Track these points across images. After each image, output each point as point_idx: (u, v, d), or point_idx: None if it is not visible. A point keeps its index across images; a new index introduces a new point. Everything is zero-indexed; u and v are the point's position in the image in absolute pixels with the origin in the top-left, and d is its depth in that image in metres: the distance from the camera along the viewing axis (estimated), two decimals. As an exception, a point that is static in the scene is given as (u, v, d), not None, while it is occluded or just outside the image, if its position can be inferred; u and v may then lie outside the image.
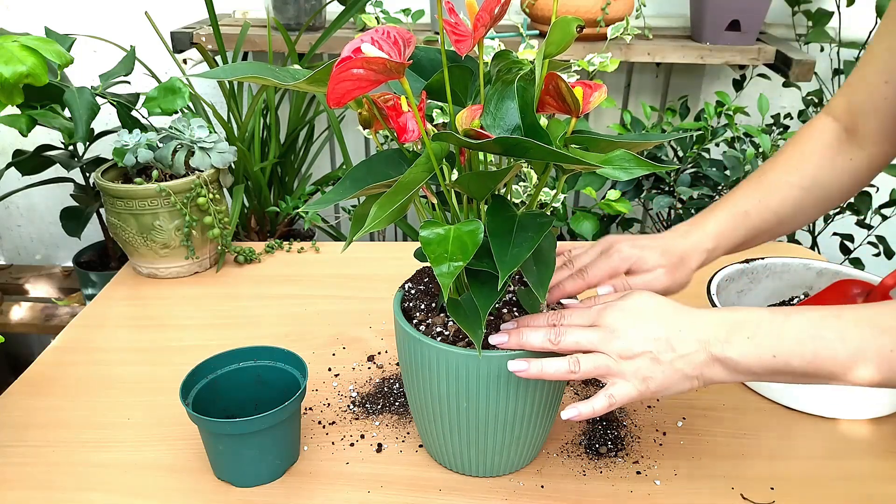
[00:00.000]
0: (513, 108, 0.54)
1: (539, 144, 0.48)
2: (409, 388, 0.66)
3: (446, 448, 0.66)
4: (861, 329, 0.51)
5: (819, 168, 0.73)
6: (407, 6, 1.48)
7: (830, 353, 0.51)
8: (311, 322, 0.94)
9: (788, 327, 0.53)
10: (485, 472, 0.66)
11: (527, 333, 0.57)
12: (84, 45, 1.35)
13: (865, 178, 0.74)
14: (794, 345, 0.52)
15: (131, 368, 0.84)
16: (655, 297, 0.58)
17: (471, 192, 0.56)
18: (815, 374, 0.52)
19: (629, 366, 0.55)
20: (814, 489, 0.66)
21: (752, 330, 0.53)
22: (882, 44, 0.66)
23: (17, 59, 0.89)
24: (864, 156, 0.72)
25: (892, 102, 0.67)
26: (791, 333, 0.52)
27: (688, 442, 0.72)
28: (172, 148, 1.00)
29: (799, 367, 0.52)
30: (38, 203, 1.89)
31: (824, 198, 0.73)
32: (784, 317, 0.53)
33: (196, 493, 0.65)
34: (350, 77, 0.47)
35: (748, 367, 0.53)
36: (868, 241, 1.58)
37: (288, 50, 1.36)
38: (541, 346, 0.56)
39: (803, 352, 0.52)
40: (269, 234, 1.43)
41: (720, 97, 1.41)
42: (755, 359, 0.53)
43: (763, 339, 0.53)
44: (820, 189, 0.72)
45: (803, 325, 0.52)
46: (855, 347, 0.51)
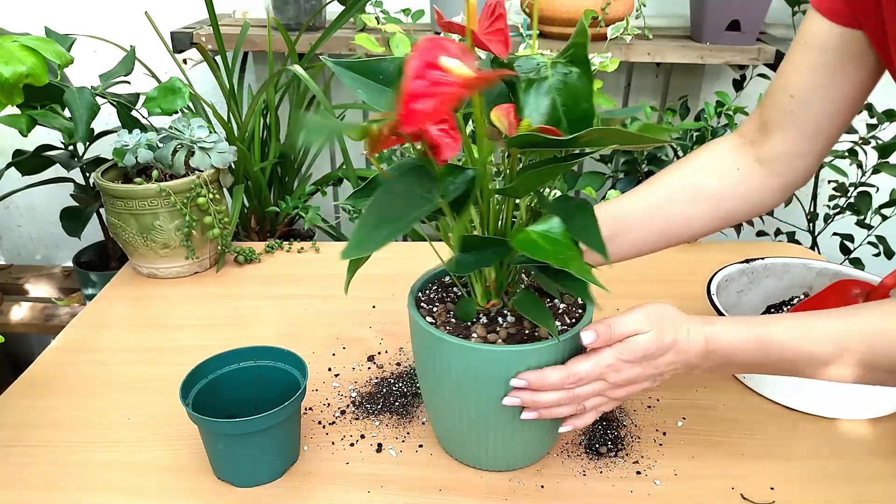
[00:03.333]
0: (547, 103, 0.55)
1: (625, 132, 0.49)
2: (423, 381, 0.67)
3: (460, 442, 0.66)
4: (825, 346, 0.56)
5: (696, 169, 0.73)
6: (407, 6, 1.48)
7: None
8: (311, 322, 0.94)
9: (765, 359, 0.59)
10: (496, 467, 0.67)
11: (542, 396, 0.59)
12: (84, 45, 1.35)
13: (765, 196, 0.72)
14: (771, 370, 0.60)
15: (131, 368, 0.84)
16: (645, 332, 0.59)
17: (517, 192, 0.56)
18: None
19: (623, 398, 0.62)
20: (814, 489, 0.66)
21: (728, 359, 0.60)
22: (790, 61, 0.67)
23: (17, 59, 0.89)
24: (759, 170, 0.71)
25: (798, 117, 0.67)
26: (767, 363, 0.59)
27: (688, 442, 0.72)
28: (172, 148, 1.00)
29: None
30: (38, 203, 1.89)
31: (699, 199, 0.72)
32: (761, 349, 0.59)
33: (196, 493, 0.65)
34: (450, 98, 0.44)
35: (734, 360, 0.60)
36: (868, 241, 1.58)
37: (288, 50, 1.36)
38: (557, 403, 0.60)
39: (779, 372, 0.60)
40: (269, 234, 1.43)
41: (720, 97, 1.41)
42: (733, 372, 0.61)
43: (739, 367, 0.61)
44: (691, 188, 0.72)
45: (780, 357, 0.58)
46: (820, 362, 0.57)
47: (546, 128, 0.52)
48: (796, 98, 0.67)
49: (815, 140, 0.68)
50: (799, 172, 0.71)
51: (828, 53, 0.64)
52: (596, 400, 0.61)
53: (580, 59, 0.54)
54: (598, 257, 0.53)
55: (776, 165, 0.71)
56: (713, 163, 0.73)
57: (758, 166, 0.71)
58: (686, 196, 0.72)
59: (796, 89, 0.66)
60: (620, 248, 0.73)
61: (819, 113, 0.66)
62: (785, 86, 0.67)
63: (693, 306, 0.96)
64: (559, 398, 0.59)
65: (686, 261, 1.07)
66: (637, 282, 1.02)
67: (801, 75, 0.66)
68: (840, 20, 0.62)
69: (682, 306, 0.99)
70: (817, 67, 0.65)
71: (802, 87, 0.66)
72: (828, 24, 0.63)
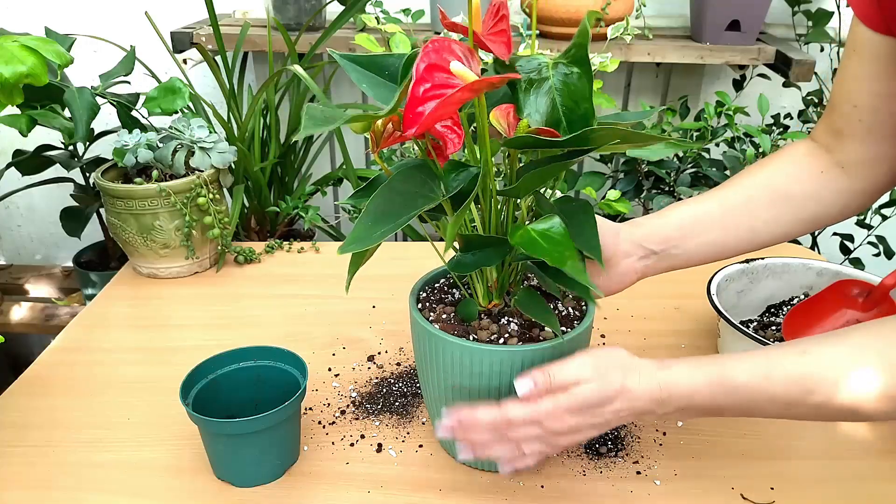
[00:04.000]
0: (547, 103, 0.55)
1: (622, 131, 0.49)
2: (423, 381, 0.67)
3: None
4: (789, 387, 0.53)
5: (777, 173, 0.70)
6: (407, 6, 1.48)
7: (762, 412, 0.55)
8: (311, 322, 0.94)
9: (725, 402, 0.55)
10: (494, 467, 0.67)
11: (476, 434, 0.58)
12: (84, 45, 1.35)
13: (851, 199, 0.69)
14: (732, 413, 0.56)
15: (131, 368, 0.84)
16: (588, 381, 0.55)
17: (518, 192, 0.55)
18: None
19: (557, 445, 0.58)
20: (814, 489, 0.66)
21: (684, 404, 0.56)
22: (847, 71, 0.65)
23: (17, 59, 0.89)
24: (842, 175, 0.68)
25: (868, 124, 0.65)
26: (727, 406, 0.55)
27: (688, 442, 0.72)
28: (172, 148, 1.00)
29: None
30: (38, 203, 1.89)
31: (782, 202, 0.69)
32: (719, 391, 0.55)
33: (196, 493, 0.65)
34: (454, 102, 0.44)
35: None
36: (868, 241, 1.58)
37: (288, 50, 1.36)
38: (490, 442, 0.58)
39: (742, 413, 0.56)
40: (269, 234, 1.43)
41: (720, 97, 1.41)
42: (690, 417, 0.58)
43: (698, 412, 0.57)
44: (774, 192, 0.69)
45: (739, 399, 0.55)
46: (785, 404, 0.54)
47: (544, 129, 0.52)
48: (861, 107, 0.64)
49: (892, 143, 0.65)
50: (883, 175, 0.68)
51: (880, 61, 0.61)
52: (535, 445, 0.57)
53: (581, 60, 0.54)
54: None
55: (857, 170, 0.68)
56: (794, 166, 0.70)
57: (840, 170, 0.68)
58: (769, 198, 0.69)
59: (859, 99, 0.64)
60: (696, 249, 0.69)
61: (889, 117, 0.64)
62: (846, 95, 0.65)
63: (693, 306, 0.96)
64: (491, 439, 0.57)
65: (686, 261, 1.07)
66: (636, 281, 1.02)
67: (859, 84, 0.64)
68: (879, 29, 0.60)
69: (683, 306, 0.99)
70: (874, 76, 0.62)
71: (865, 96, 0.64)
72: (871, 33, 0.61)
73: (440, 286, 0.71)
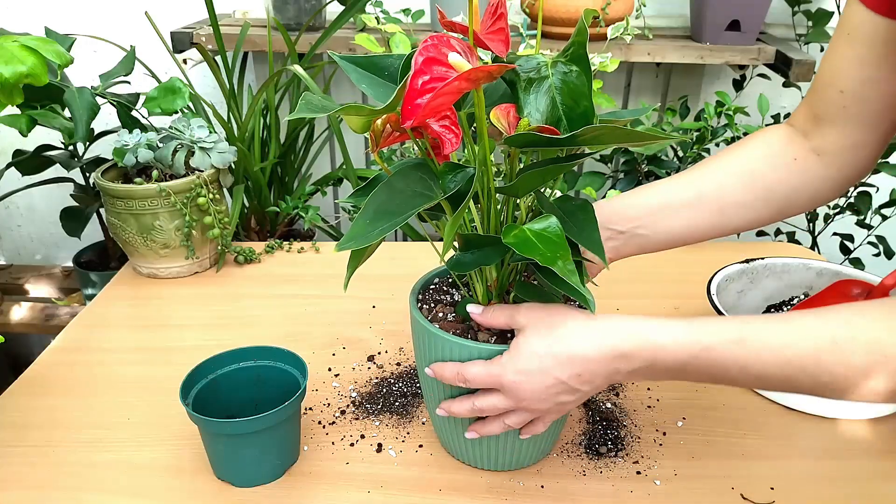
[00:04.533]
0: (547, 101, 0.55)
1: (623, 129, 0.49)
2: (424, 380, 0.67)
3: (460, 442, 0.66)
4: (764, 357, 0.52)
5: (750, 157, 0.69)
6: (407, 6, 1.48)
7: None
8: (311, 322, 0.94)
9: (691, 363, 0.54)
10: (494, 466, 0.67)
11: (456, 404, 0.61)
12: (84, 45, 1.35)
13: (823, 186, 0.68)
14: (699, 377, 0.55)
15: (131, 368, 0.84)
16: (540, 341, 0.56)
17: (517, 191, 0.55)
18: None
19: (548, 412, 0.59)
20: (814, 489, 0.66)
21: (650, 360, 0.55)
22: (835, 54, 0.63)
23: (17, 59, 0.89)
24: (817, 162, 0.67)
25: (851, 111, 0.63)
26: (693, 368, 0.54)
27: (688, 442, 0.72)
28: (172, 148, 1.00)
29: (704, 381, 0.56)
30: (38, 203, 1.89)
31: (754, 187, 0.68)
32: (688, 350, 0.54)
33: (196, 493, 0.65)
34: (452, 91, 0.44)
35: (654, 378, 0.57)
36: (868, 241, 1.58)
37: (288, 50, 1.36)
38: (469, 414, 0.61)
39: (710, 379, 0.55)
40: (269, 234, 1.43)
41: (720, 97, 1.41)
42: (659, 378, 0.57)
43: (664, 371, 0.56)
44: (746, 176, 0.68)
45: (707, 360, 0.54)
46: (758, 376, 0.53)
47: (545, 127, 0.52)
48: (847, 93, 0.63)
49: (872, 130, 0.64)
50: (859, 164, 0.67)
51: (876, 46, 0.59)
52: (514, 417, 0.59)
53: (580, 58, 0.54)
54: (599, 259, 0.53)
55: (834, 157, 0.66)
56: (768, 151, 0.69)
57: (815, 157, 0.67)
58: (740, 184, 0.68)
59: (846, 84, 0.62)
60: (663, 231, 0.68)
61: (874, 105, 0.62)
62: (832, 80, 0.63)
63: (693, 306, 0.96)
64: (468, 409, 0.60)
65: (686, 261, 1.07)
66: (636, 281, 1.02)
67: (848, 69, 0.62)
68: (882, 10, 0.58)
69: (682, 306, 0.99)
70: (865, 61, 0.60)
71: (852, 82, 0.62)
72: (871, 15, 0.58)
73: (439, 286, 0.71)
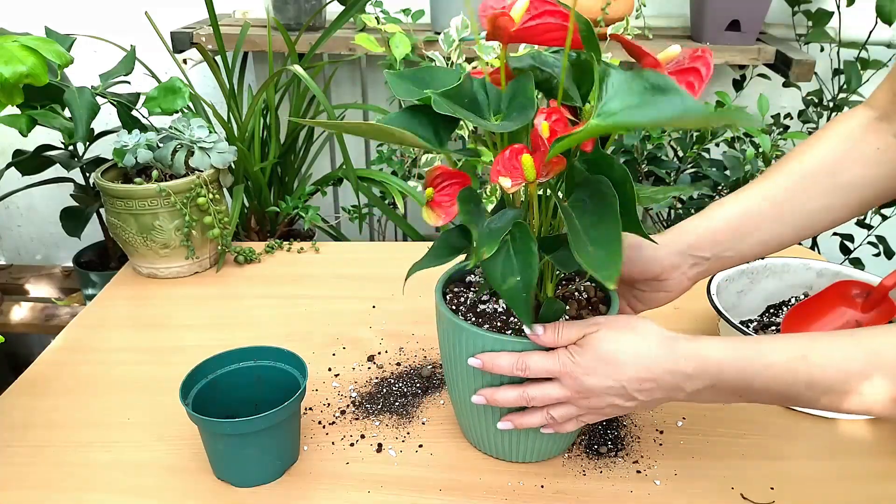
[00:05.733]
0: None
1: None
2: (448, 373, 0.68)
3: (484, 434, 0.67)
4: (828, 372, 0.52)
5: (829, 154, 0.66)
6: (407, 6, 1.48)
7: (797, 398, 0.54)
8: (311, 322, 0.94)
9: (756, 379, 0.54)
10: (519, 457, 0.68)
11: (501, 392, 0.61)
12: (84, 45, 1.35)
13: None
14: (766, 395, 0.55)
15: (131, 368, 0.84)
16: (615, 340, 0.57)
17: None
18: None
19: (596, 411, 0.60)
20: (814, 489, 0.66)
21: (713, 379, 0.55)
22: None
23: (17, 59, 0.89)
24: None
25: None
26: (758, 385, 0.54)
27: (688, 442, 0.72)
28: (172, 148, 1.00)
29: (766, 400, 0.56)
30: (38, 203, 1.89)
31: (837, 186, 0.65)
32: (750, 368, 0.54)
33: (196, 493, 0.65)
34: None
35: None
36: (868, 241, 1.58)
37: (288, 50, 1.36)
38: (515, 403, 0.60)
39: (775, 397, 0.55)
40: (269, 234, 1.43)
41: (720, 97, 1.41)
42: (722, 398, 0.57)
43: (728, 391, 0.56)
44: (827, 176, 0.65)
45: (772, 377, 0.53)
46: (825, 390, 0.52)
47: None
48: None
49: None
50: None
51: None
52: (562, 410, 0.59)
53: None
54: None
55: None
56: (847, 145, 0.65)
57: (893, 141, 0.64)
58: (820, 187, 0.65)
59: None
60: (749, 248, 0.67)
61: None
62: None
63: (693, 306, 0.96)
64: (515, 398, 0.59)
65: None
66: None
67: None
68: None
69: (682, 306, 0.99)
70: None
71: None
72: None
73: (459, 279, 0.72)
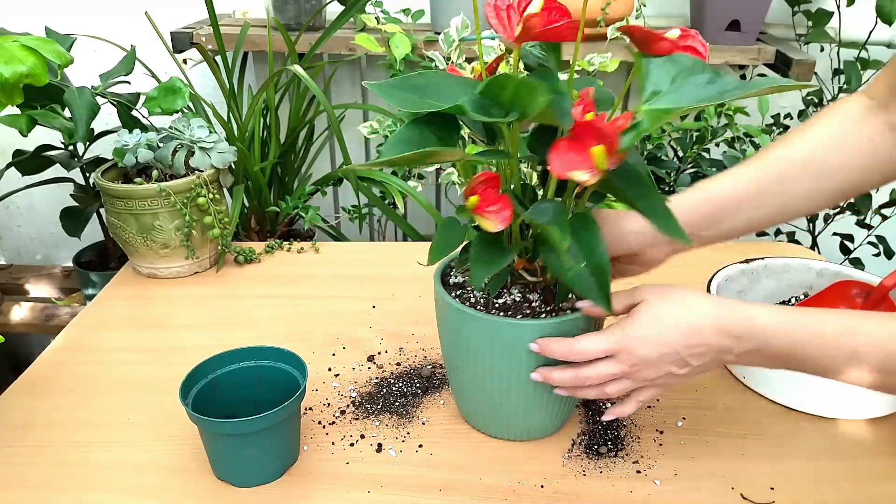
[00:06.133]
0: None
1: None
2: (448, 358, 0.70)
3: (484, 413, 0.70)
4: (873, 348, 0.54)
5: (818, 141, 0.66)
6: (407, 6, 1.48)
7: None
8: (311, 322, 0.94)
9: (803, 347, 0.56)
10: (520, 436, 0.71)
11: (557, 373, 0.62)
12: (84, 45, 1.35)
13: (894, 166, 0.66)
14: (811, 364, 0.57)
15: (131, 368, 0.84)
16: (665, 307, 0.59)
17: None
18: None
19: (651, 382, 0.61)
20: (814, 489, 0.66)
21: (760, 343, 0.57)
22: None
23: (17, 59, 0.89)
24: (893, 139, 0.64)
25: None
26: (805, 353, 0.56)
27: (688, 442, 0.72)
28: (172, 148, 1.00)
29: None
30: (38, 203, 1.89)
31: (822, 173, 0.66)
32: (797, 336, 0.56)
33: (196, 493, 0.65)
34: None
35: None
36: (868, 241, 1.58)
37: (288, 50, 1.36)
38: (570, 383, 0.62)
39: (819, 368, 0.57)
40: (269, 234, 1.43)
41: (720, 97, 1.41)
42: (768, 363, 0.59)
43: (775, 357, 0.57)
44: (814, 163, 0.66)
45: (819, 347, 0.55)
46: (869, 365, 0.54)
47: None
48: None
49: None
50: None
51: None
52: (615, 385, 0.61)
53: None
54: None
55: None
56: (839, 135, 0.66)
57: (891, 135, 0.64)
58: (806, 174, 0.66)
59: None
60: (729, 229, 0.68)
61: None
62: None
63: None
64: (570, 378, 0.61)
65: (686, 261, 1.07)
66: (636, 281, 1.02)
67: None
68: None
69: (682, 306, 0.98)
70: None
71: None
72: None
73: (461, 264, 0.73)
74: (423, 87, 0.57)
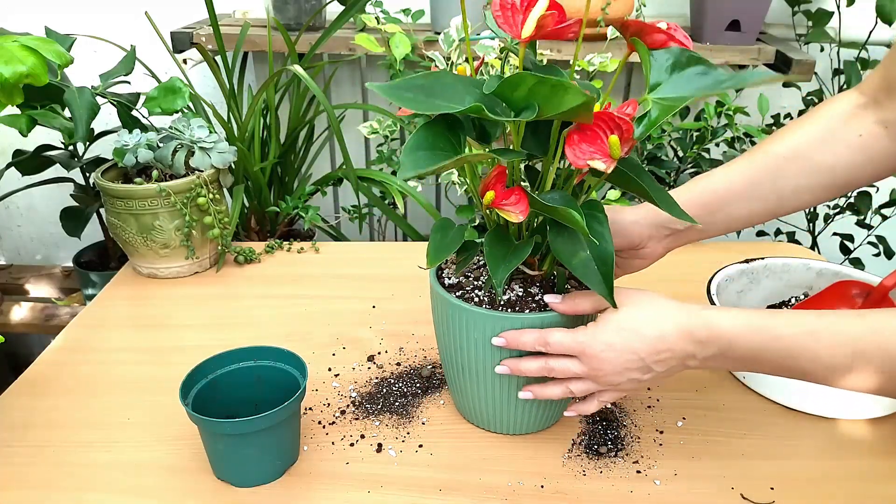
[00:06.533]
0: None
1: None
2: (444, 352, 0.70)
3: (480, 408, 0.71)
4: (835, 349, 0.53)
5: (810, 137, 0.67)
6: (407, 6, 1.48)
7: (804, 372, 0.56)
8: (311, 322, 0.94)
9: (764, 352, 0.56)
10: (509, 430, 0.71)
11: (524, 362, 0.63)
12: (84, 45, 1.35)
13: (886, 162, 0.66)
14: (771, 367, 0.57)
15: (131, 368, 0.84)
16: (632, 313, 0.59)
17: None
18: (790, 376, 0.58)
19: (615, 387, 0.62)
20: (814, 489, 0.66)
21: (724, 348, 0.57)
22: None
23: (17, 59, 0.89)
24: (882, 136, 0.65)
25: None
26: (766, 357, 0.56)
27: (688, 442, 0.72)
28: (172, 148, 1.00)
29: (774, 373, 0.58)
30: (38, 203, 1.89)
31: (813, 169, 0.67)
32: (759, 338, 0.56)
33: (196, 493, 0.65)
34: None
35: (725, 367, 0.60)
36: (868, 241, 1.58)
37: (288, 50, 1.36)
38: (537, 373, 0.63)
39: (780, 369, 0.57)
40: (269, 234, 1.43)
41: (720, 97, 1.41)
42: (731, 366, 0.59)
43: (737, 360, 0.58)
44: (805, 159, 0.66)
45: (779, 350, 0.55)
46: (828, 367, 0.54)
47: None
48: None
49: None
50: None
51: None
52: (580, 384, 0.62)
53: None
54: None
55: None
56: (830, 131, 0.66)
57: (882, 131, 0.64)
58: (798, 169, 0.66)
59: None
60: (721, 222, 0.70)
61: None
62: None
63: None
64: (537, 368, 0.61)
65: (686, 261, 1.07)
66: (636, 281, 1.02)
67: None
68: None
69: (682, 306, 0.98)
70: None
71: None
72: None
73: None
74: (429, 88, 0.57)
